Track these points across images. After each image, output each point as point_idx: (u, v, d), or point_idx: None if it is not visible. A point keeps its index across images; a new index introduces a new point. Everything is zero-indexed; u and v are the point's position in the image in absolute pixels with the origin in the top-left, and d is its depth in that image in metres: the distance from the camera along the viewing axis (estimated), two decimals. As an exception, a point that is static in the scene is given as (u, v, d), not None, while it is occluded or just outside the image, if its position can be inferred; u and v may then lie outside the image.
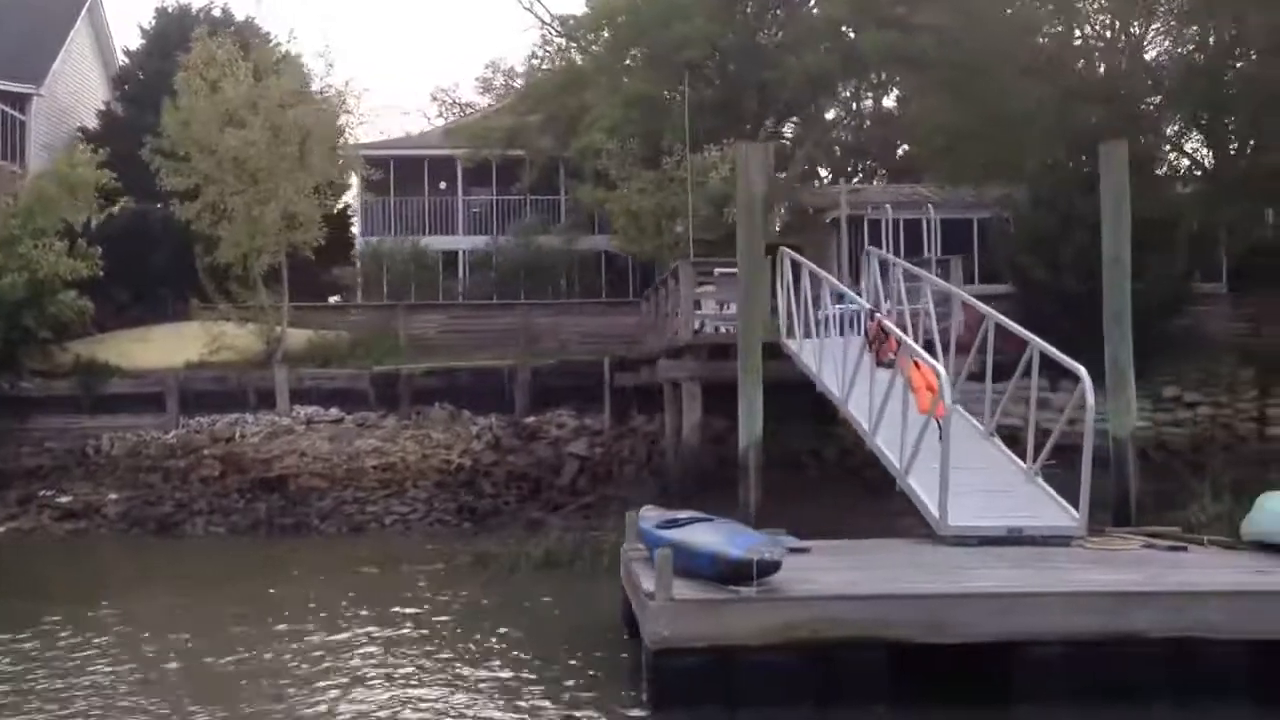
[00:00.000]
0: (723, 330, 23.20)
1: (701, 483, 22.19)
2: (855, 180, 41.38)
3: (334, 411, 27.91)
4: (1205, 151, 32.54)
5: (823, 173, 42.15)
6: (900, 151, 42.20)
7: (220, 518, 25.60)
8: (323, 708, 11.13)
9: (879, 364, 16.97)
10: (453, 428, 27.71)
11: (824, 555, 13.28)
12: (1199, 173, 32.03)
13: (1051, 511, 14.48)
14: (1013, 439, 17.49)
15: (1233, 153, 30.94)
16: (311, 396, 28.07)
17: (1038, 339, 15.72)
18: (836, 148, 41.21)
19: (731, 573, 10.60)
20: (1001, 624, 10.39)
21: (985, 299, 29.61)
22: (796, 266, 21.62)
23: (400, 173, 40.29)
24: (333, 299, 35.26)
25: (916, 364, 15.67)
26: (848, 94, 39.71)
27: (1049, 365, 16.09)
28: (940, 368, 15.02)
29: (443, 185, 40.87)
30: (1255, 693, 10.46)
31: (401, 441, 27.15)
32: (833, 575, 11.61)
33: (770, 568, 10.55)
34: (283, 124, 27.57)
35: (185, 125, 27.93)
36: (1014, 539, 13.88)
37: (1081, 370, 14.71)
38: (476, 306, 31.78)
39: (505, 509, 25.83)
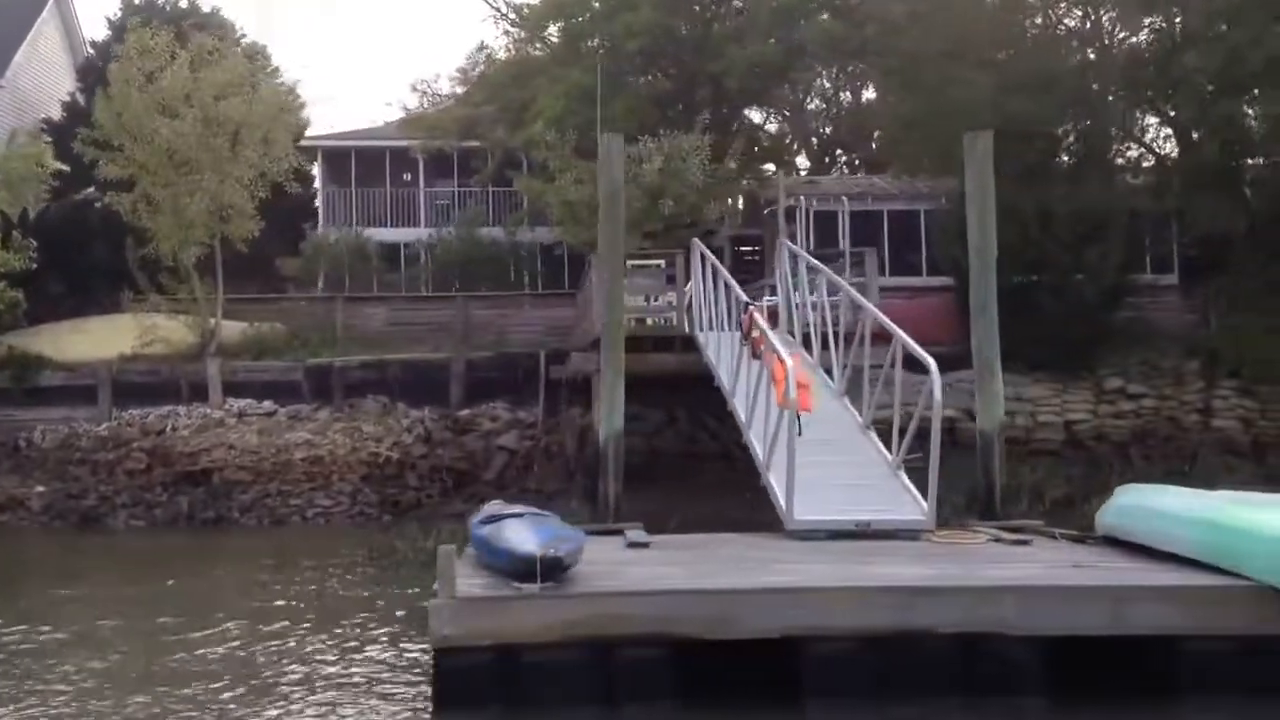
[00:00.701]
0: (649, 322, 22.98)
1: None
2: (834, 172, 41.17)
3: (267, 404, 27.74)
4: (1165, 143, 32.33)
5: (803, 163, 42.04)
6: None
7: (143, 511, 25.60)
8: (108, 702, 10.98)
9: (753, 356, 16.79)
10: (385, 420, 27.53)
11: (662, 550, 13.13)
12: (1151, 163, 31.83)
13: (906, 505, 14.26)
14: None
15: (1181, 142, 30.70)
16: (245, 389, 27.91)
17: (901, 332, 15.44)
18: (814, 139, 40.92)
19: (521, 569, 10.44)
20: (787, 619, 10.20)
21: (928, 291, 29.84)
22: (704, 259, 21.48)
23: (362, 164, 40.23)
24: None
25: (782, 358, 15.44)
26: (826, 84, 39.58)
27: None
28: (789, 360, 14.75)
29: (407, 177, 40.71)
30: (1049, 690, 10.25)
31: (331, 434, 27.01)
32: (641, 570, 11.46)
33: (555, 564, 10.35)
34: (216, 115, 27.37)
35: (119, 115, 27.78)
36: (862, 533, 13.69)
37: (931, 363, 14.48)
38: (414, 299, 31.64)
39: (428, 502, 25.80)
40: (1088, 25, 31.53)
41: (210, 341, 28.00)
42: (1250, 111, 27.21)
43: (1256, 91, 27.56)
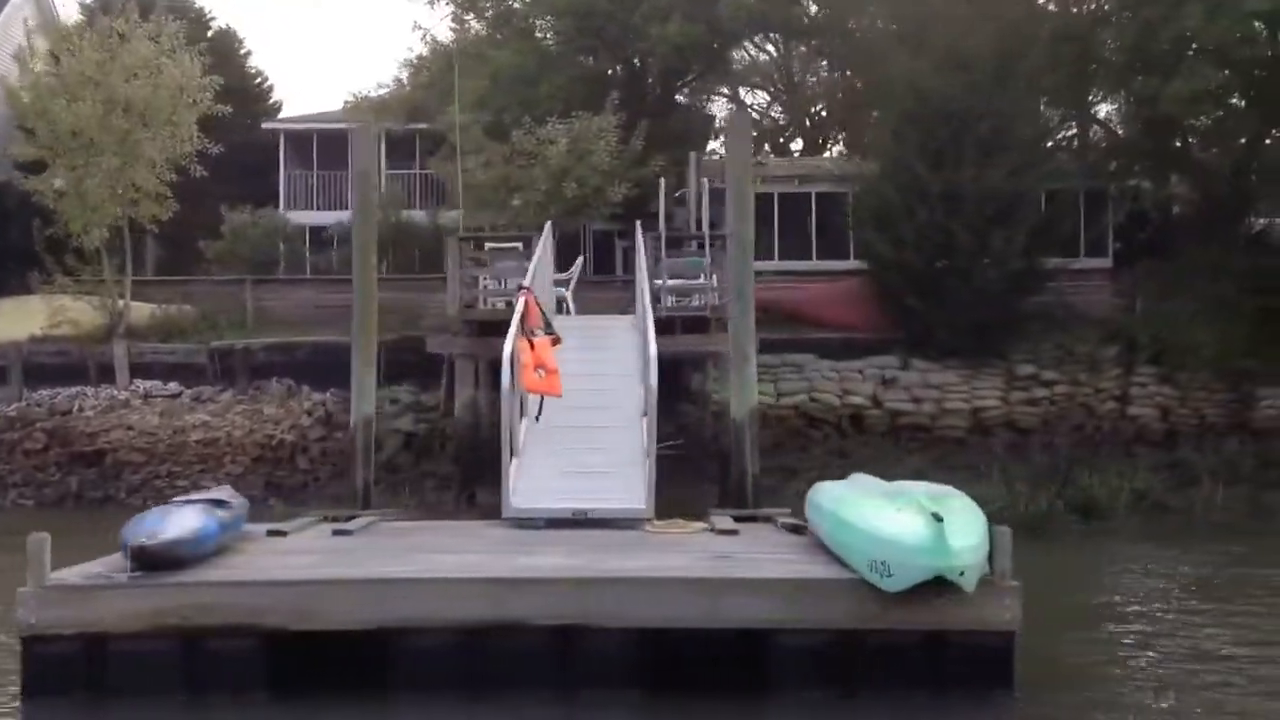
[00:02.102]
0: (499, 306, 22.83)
1: (476, 460, 21.99)
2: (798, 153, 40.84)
3: (173, 386, 27.84)
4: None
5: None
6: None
7: (33, 490, 25.84)
8: None
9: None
10: (287, 403, 27.55)
11: (361, 537, 13.01)
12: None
13: (634, 494, 14.00)
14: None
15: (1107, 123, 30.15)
16: (152, 371, 28.02)
17: (653, 343, 15.00)
18: (764, 119, 40.58)
19: (131, 558, 10.36)
20: (375, 612, 10.02)
21: (847, 275, 29.45)
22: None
23: (324, 146, 40.31)
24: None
25: (531, 342, 15.23)
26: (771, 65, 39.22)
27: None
28: (524, 347, 14.55)
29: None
30: (643, 682, 10.03)
31: (231, 416, 27.08)
32: (273, 559, 11.37)
33: (143, 553, 10.22)
34: (124, 97, 27.44)
35: (30, 96, 27.98)
36: (579, 521, 13.47)
37: (651, 351, 14.19)
38: (328, 281, 31.57)
39: (314, 485, 25.81)
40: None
41: (118, 323, 28.08)
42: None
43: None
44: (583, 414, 15.85)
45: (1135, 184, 30.89)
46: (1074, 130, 31.52)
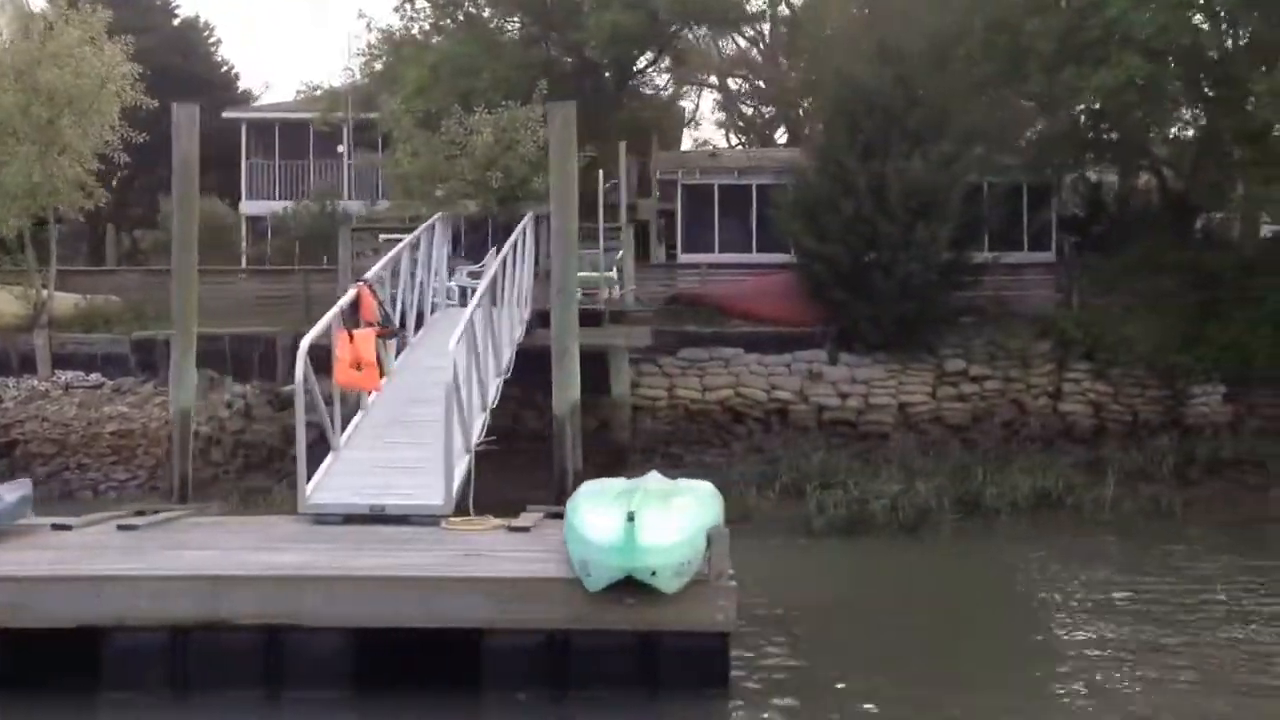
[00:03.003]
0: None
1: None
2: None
3: (95, 377, 27.59)
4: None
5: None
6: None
7: (-62, 482, 25.64)
8: None
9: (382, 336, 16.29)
10: (208, 395, 27.31)
11: (141, 534, 12.77)
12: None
13: (435, 491, 13.71)
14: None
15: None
16: (75, 362, 27.77)
17: (454, 345, 14.59)
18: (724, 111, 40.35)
19: None
20: (83, 609, 9.80)
21: (774, 268, 29.10)
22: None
23: (286, 136, 40.23)
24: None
25: (351, 335, 14.96)
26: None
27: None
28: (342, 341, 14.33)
29: (340, 149, 40.55)
30: (355, 683, 9.82)
31: (149, 408, 26.85)
32: (32, 555, 11.15)
33: None
34: (46, 85, 27.29)
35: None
36: (377, 517, 13.21)
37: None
38: (255, 272, 31.39)
39: (225, 478, 25.61)
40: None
41: (40, 313, 27.96)
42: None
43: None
44: (423, 408, 15.57)
45: (1078, 176, 30.42)
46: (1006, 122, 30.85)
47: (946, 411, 27.03)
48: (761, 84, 40.80)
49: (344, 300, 15.76)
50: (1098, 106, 27.17)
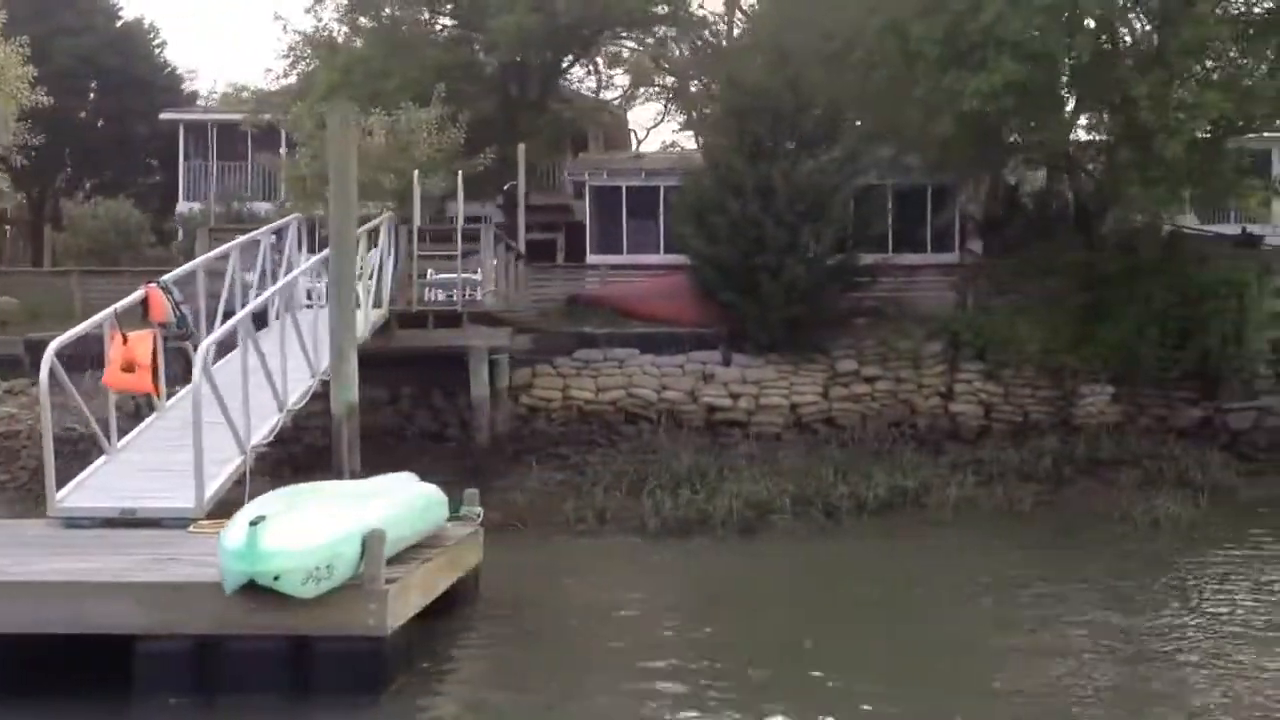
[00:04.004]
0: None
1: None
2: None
3: (-12, 378, 27.81)
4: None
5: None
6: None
7: None
8: None
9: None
10: (98, 397, 27.42)
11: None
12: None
13: (186, 493, 13.76)
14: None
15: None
16: (-32, 363, 27.97)
17: (203, 347, 14.65)
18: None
19: None
20: None
21: (671, 269, 29.15)
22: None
23: (224, 138, 40.37)
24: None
25: (125, 337, 15.03)
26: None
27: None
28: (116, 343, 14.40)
29: (284, 151, 40.63)
30: (4, 688, 9.84)
31: (38, 410, 26.98)
32: None
33: None
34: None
35: None
36: (126, 520, 13.29)
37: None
38: (158, 274, 31.37)
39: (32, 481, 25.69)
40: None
41: (-68, 314, 28.14)
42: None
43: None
44: (219, 411, 15.58)
45: (996, 177, 30.46)
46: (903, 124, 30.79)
47: (838, 412, 27.06)
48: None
49: (124, 302, 15.81)
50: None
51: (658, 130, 68.87)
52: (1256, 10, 27.00)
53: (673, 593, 16.40)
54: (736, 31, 34.56)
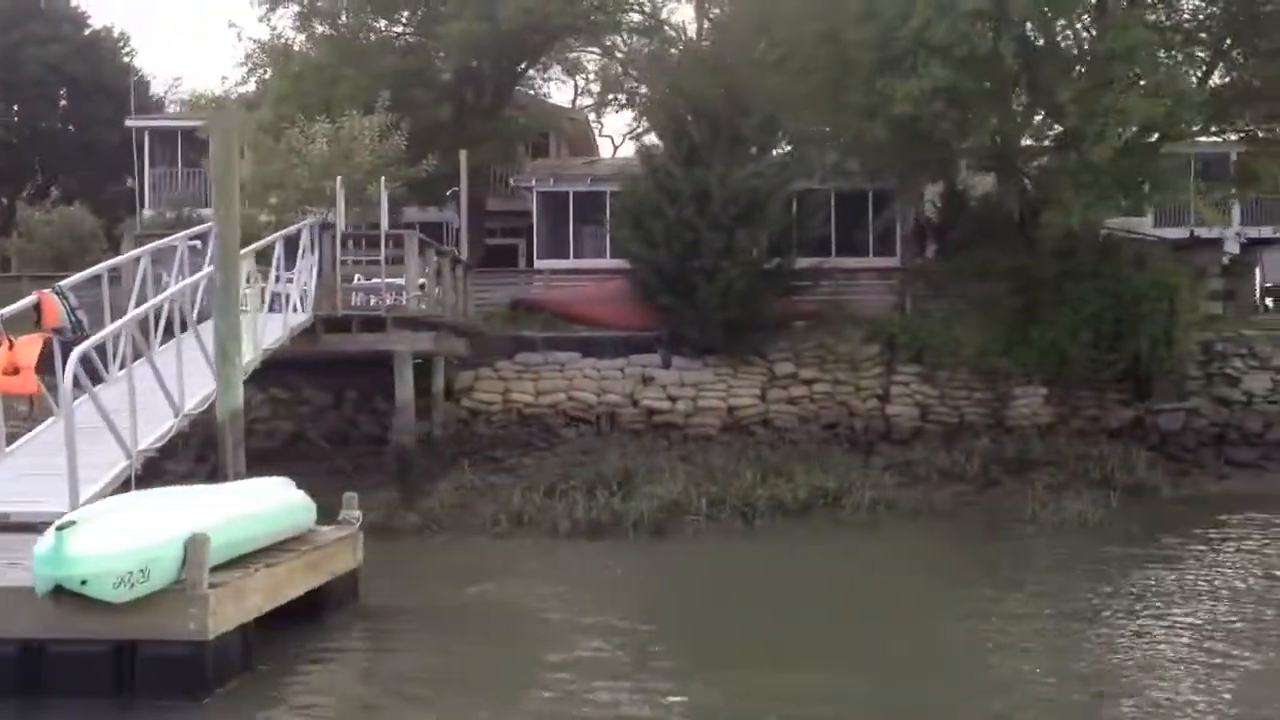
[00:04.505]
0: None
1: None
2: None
3: (-68, 384, 28.07)
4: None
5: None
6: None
7: None
8: None
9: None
10: (42, 402, 27.73)
11: None
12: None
13: (61, 498, 13.95)
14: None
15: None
16: (-88, 368, 28.23)
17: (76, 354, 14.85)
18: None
19: None
20: None
21: (616, 274, 29.39)
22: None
23: (189, 144, 40.60)
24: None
25: (11, 342, 15.28)
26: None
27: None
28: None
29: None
30: None
31: (-16, 414, 27.29)
32: None
33: None
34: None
35: None
36: (4, 525, 13.50)
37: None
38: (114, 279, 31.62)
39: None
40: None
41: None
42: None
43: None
44: (123, 416, 15.82)
45: (946, 182, 30.68)
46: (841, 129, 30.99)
47: (775, 414, 27.32)
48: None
49: (13, 307, 16.06)
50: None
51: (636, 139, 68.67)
52: (1185, 19, 27.20)
53: (560, 596, 16.48)
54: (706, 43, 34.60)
